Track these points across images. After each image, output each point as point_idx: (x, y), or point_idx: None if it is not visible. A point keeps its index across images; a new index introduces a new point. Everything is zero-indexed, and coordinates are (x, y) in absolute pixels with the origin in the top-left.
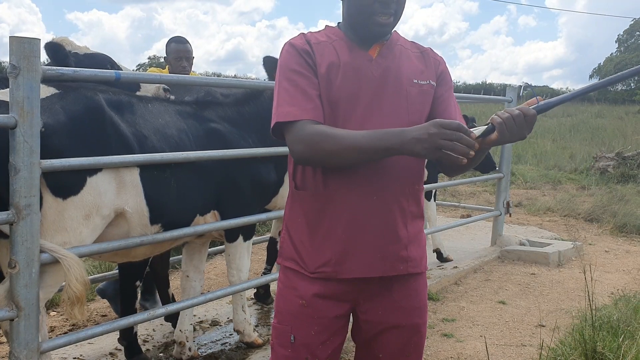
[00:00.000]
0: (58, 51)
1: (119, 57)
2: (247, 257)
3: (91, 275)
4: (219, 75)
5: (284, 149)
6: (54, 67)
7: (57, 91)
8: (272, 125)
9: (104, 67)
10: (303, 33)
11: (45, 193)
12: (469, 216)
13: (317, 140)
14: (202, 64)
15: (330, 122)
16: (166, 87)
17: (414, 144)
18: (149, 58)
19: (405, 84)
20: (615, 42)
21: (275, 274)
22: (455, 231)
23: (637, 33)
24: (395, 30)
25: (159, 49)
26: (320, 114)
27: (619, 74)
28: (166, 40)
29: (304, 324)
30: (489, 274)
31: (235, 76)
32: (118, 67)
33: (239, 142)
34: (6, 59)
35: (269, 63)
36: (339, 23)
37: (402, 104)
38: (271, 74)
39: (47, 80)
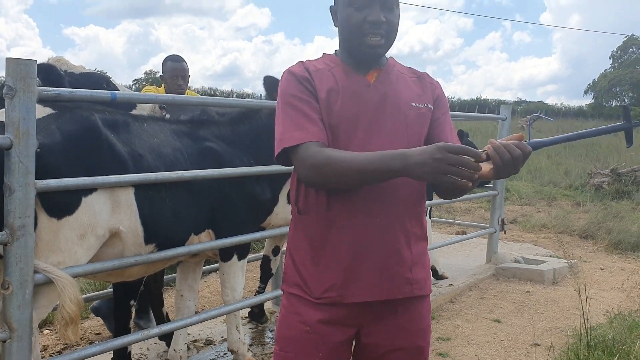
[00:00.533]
0: (50, 73)
1: (115, 72)
2: (242, 276)
3: (85, 293)
4: (215, 90)
5: (278, 168)
6: (50, 88)
7: (53, 111)
8: (277, 151)
9: (99, 86)
10: (302, 61)
11: (40, 213)
12: (464, 233)
13: (323, 163)
14: (199, 79)
15: (332, 147)
16: (162, 104)
17: (418, 168)
18: (145, 73)
19: (404, 107)
20: (609, 58)
21: (269, 292)
22: (450, 248)
23: (631, 49)
24: (391, 57)
25: (155, 64)
26: (324, 136)
27: (608, 126)
28: (163, 55)
29: (309, 351)
30: (484, 291)
31: (231, 91)
32: (114, 86)
33: (234, 161)
34: (4, 73)
35: (269, 82)
36: (336, 50)
37: (401, 127)
38: (270, 93)
39: (43, 100)
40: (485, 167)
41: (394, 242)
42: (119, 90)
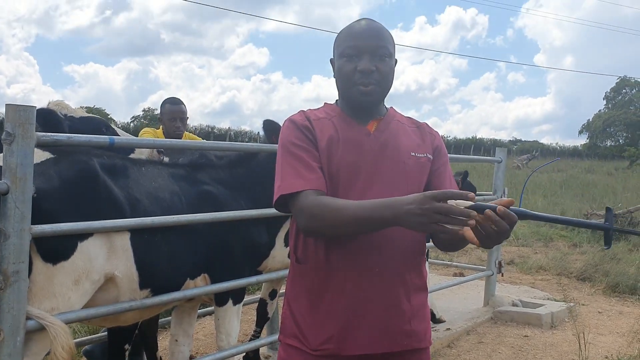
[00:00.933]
0: (48, 119)
1: (114, 108)
2: (237, 321)
3: (78, 336)
4: (212, 128)
5: (275, 211)
6: (49, 134)
7: (51, 156)
8: (275, 198)
9: (99, 131)
10: (303, 110)
11: (35, 258)
12: (461, 274)
13: (318, 211)
14: (197, 116)
15: (331, 195)
16: (161, 150)
17: (408, 217)
18: (144, 110)
19: (403, 156)
20: (603, 99)
21: (265, 338)
22: (447, 290)
23: (624, 90)
24: (391, 107)
25: (154, 102)
26: (323, 184)
27: (591, 222)
28: (161, 92)
29: None
30: (482, 336)
31: (229, 128)
32: (113, 130)
33: (231, 204)
34: (3, 109)
35: (268, 126)
36: (336, 100)
37: (400, 175)
38: (269, 137)
39: (41, 145)
40: (468, 233)
41: (393, 295)
42: (118, 135)
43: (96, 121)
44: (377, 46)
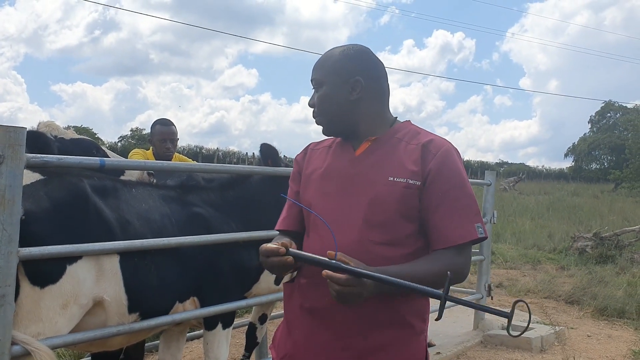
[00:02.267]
0: (37, 141)
1: (101, 128)
2: (226, 345)
3: None
4: (201, 148)
5: (265, 233)
6: (39, 155)
7: (41, 177)
8: None
9: (89, 152)
10: (316, 141)
11: (22, 281)
12: None
13: None
14: (185, 137)
15: (309, 224)
16: (151, 172)
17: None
18: (132, 130)
19: (377, 182)
20: (588, 122)
21: None
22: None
23: (608, 114)
24: (406, 121)
25: (142, 121)
26: (288, 223)
27: (424, 288)
28: (149, 112)
29: None
30: None
31: (217, 149)
32: (103, 152)
33: (222, 227)
34: None
35: (265, 150)
36: None
37: (367, 204)
38: (265, 160)
39: (31, 167)
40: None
41: (342, 328)
42: (108, 157)
43: (86, 143)
44: (313, 79)
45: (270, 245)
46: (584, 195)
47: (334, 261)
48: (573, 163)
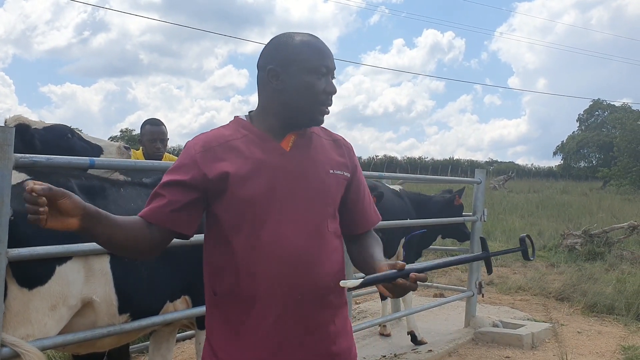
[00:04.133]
0: (25, 133)
1: (91, 129)
2: None
3: None
4: None
5: None
6: (27, 155)
7: (28, 177)
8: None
9: (64, 137)
10: (207, 134)
11: (10, 283)
12: (441, 295)
13: None
14: (175, 137)
15: (249, 222)
16: (126, 145)
17: None
18: (121, 131)
19: (322, 174)
20: (576, 121)
21: None
22: (428, 311)
23: (597, 112)
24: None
25: (131, 122)
26: (153, 216)
27: (471, 255)
28: (139, 113)
29: None
30: (463, 357)
31: None
32: (78, 135)
33: None
34: None
35: None
36: (250, 112)
37: (318, 195)
38: None
39: (19, 167)
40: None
41: (318, 318)
42: (83, 139)
43: (60, 128)
44: (333, 68)
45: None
46: (573, 193)
47: (406, 268)
48: (562, 161)
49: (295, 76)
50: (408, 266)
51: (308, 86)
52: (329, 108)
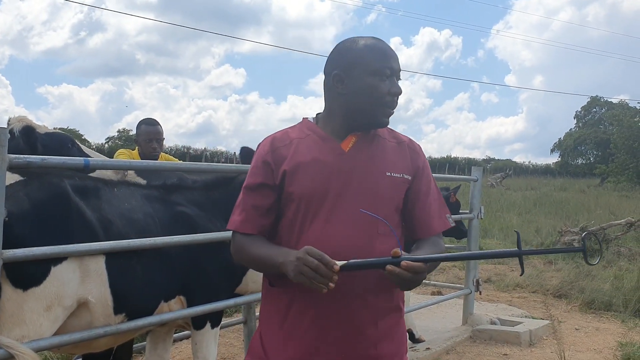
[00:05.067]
0: (30, 136)
1: (88, 129)
2: (215, 345)
3: None
4: (188, 148)
5: None
6: (21, 156)
7: (21, 178)
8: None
9: (65, 146)
10: (274, 136)
11: (4, 284)
12: (439, 293)
13: (235, 251)
14: (172, 137)
15: (300, 219)
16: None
17: (286, 265)
18: (119, 131)
19: (377, 176)
20: (574, 118)
21: None
22: (426, 309)
23: (594, 109)
24: None
25: (129, 122)
26: (252, 227)
27: (499, 251)
28: (136, 113)
29: None
30: (461, 355)
31: (205, 149)
32: (78, 147)
33: (207, 225)
34: None
35: (244, 153)
36: (317, 114)
37: (368, 198)
38: (246, 163)
39: (13, 168)
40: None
41: (356, 320)
42: (83, 152)
43: (61, 137)
44: (399, 70)
45: (326, 258)
46: (571, 190)
47: (403, 255)
48: (559, 158)
49: (359, 79)
50: (417, 256)
51: (371, 88)
52: (393, 110)
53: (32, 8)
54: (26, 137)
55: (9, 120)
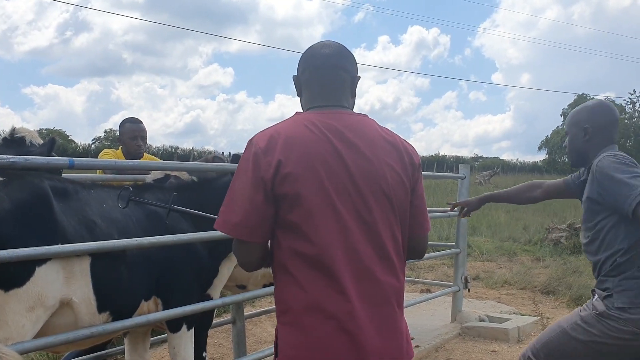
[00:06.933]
0: (52, 147)
1: (75, 130)
2: (192, 346)
3: None
4: (176, 148)
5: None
6: (4, 156)
7: (0, 178)
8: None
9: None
10: (270, 131)
11: None
12: (428, 290)
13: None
14: (159, 137)
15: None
16: None
17: None
18: (105, 131)
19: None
20: (561, 115)
21: None
22: (415, 307)
23: None
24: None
25: (115, 122)
26: (245, 232)
27: None
28: (123, 113)
29: None
30: (450, 352)
31: (192, 149)
32: None
33: (177, 225)
34: None
35: (236, 160)
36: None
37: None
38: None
39: None
40: None
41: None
42: None
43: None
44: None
45: None
46: None
47: None
48: (547, 156)
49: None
50: None
51: None
52: None
53: (17, 8)
54: (50, 147)
55: (13, 129)
